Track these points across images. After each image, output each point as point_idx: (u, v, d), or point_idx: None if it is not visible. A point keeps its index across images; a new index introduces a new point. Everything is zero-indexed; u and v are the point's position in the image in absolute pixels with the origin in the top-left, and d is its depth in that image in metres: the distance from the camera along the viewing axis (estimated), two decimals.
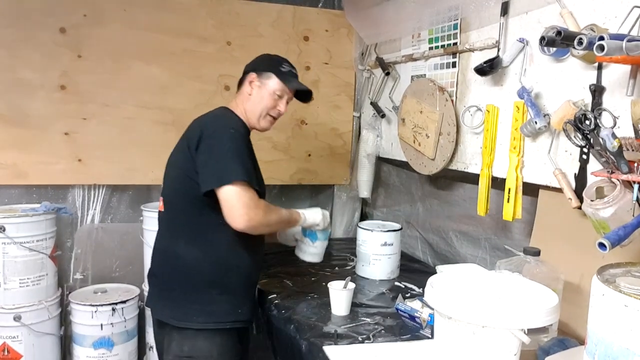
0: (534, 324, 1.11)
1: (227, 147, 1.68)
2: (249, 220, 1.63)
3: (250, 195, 1.65)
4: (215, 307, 1.74)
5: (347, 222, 3.13)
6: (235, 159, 1.67)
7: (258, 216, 1.66)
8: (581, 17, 1.46)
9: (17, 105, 2.49)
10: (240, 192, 1.63)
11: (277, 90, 1.87)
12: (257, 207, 1.66)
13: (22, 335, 2.45)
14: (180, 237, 1.78)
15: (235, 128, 1.75)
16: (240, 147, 1.71)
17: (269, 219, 1.72)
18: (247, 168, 1.68)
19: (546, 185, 1.63)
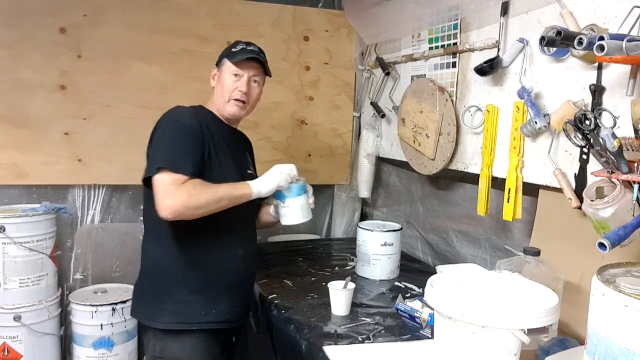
0: (534, 324, 1.11)
1: (163, 136, 1.69)
2: (170, 206, 1.57)
3: (172, 180, 1.59)
4: (184, 307, 1.72)
5: (347, 222, 3.13)
6: (165, 148, 1.66)
7: (180, 199, 1.58)
8: (581, 17, 1.46)
9: (17, 105, 2.49)
10: (160, 179, 1.60)
11: (230, 70, 1.84)
12: (178, 190, 1.59)
13: (22, 335, 2.45)
14: (147, 235, 1.81)
15: (179, 118, 1.73)
16: (177, 135, 1.68)
17: (196, 200, 1.60)
18: (174, 155, 1.64)
19: (546, 185, 1.63)
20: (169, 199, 1.57)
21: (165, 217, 1.59)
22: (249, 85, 1.86)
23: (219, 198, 1.65)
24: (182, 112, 1.77)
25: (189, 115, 1.77)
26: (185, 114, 1.76)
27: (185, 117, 1.75)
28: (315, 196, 3.21)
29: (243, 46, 1.87)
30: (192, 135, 1.71)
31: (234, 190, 1.71)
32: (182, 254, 1.72)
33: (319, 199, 3.20)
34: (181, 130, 1.70)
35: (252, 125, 2.83)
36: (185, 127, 1.71)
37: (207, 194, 1.64)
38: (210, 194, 1.64)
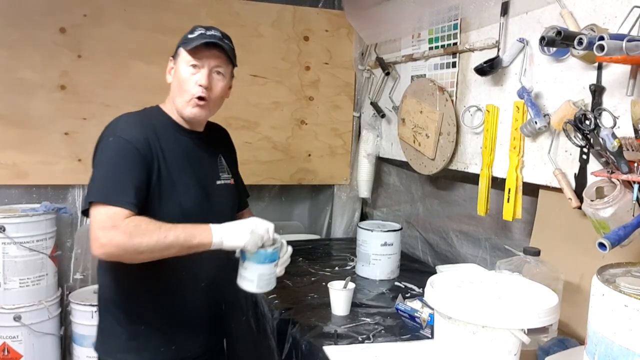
0: (533, 324, 1.11)
1: (100, 159, 1.45)
2: (104, 245, 1.32)
3: (108, 215, 1.34)
4: (141, 342, 1.54)
5: (347, 222, 3.13)
6: (102, 175, 1.42)
7: (116, 239, 1.31)
8: (581, 17, 1.46)
9: (17, 105, 2.49)
10: (95, 214, 1.36)
11: (186, 61, 1.52)
12: (115, 229, 1.32)
13: (22, 335, 2.45)
14: (100, 266, 1.59)
15: (120, 133, 1.46)
16: (115, 159, 1.43)
17: (137, 243, 1.32)
18: (111, 184, 1.39)
19: (546, 185, 1.63)
20: (104, 238, 1.32)
21: (98, 257, 1.38)
22: (210, 78, 1.53)
23: (167, 245, 1.36)
24: (124, 125, 1.50)
25: (132, 128, 1.49)
26: (128, 128, 1.48)
27: (127, 132, 1.47)
28: (316, 196, 3.26)
29: (202, 31, 1.54)
30: (135, 156, 1.43)
31: (189, 237, 1.39)
32: (137, 286, 1.53)
33: (319, 199, 3.22)
34: (121, 151, 1.43)
35: (252, 125, 2.84)
36: (127, 146, 1.43)
37: (152, 238, 1.34)
38: (156, 239, 1.34)
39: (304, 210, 3.30)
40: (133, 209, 1.38)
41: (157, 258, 1.38)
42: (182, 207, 1.50)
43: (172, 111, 1.60)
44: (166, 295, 1.56)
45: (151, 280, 1.51)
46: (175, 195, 1.51)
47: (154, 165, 1.47)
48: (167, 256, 1.39)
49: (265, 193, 3.13)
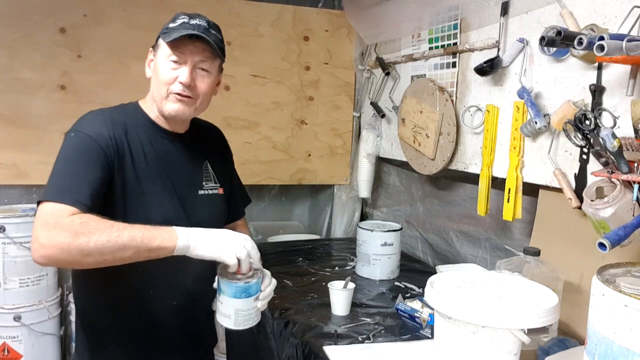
0: (533, 323, 1.11)
1: (57, 158, 1.29)
2: (43, 246, 1.11)
3: (52, 212, 1.14)
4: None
5: (347, 222, 3.13)
6: (53, 173, 1.26)
7: (59, 239, 1.10)
8: (581, 17, 1.46)
9: (17, 105, 2.49)
10: (37, 212, 1.17)
11: (165, 54, 1.34)
12: (57, 227, 1.12)
13: (22, 335, 2.45)
14: (75, 279, 1.43)
15: (82, 129, 1.29)
16: (68, 154, 1.27)
17: (83, 242, 1.11)
18: (62, 181, 1.23)
19: (546, 185, 1.63)
20: (44, 238, 1.11)
21: (36, 261, 1.14)
22: (193, 74, 1.35)
23: (119, 246, 1.14)
24: (90, 120, 1.33)
25: (98, 124, 1.31)
26: (93, 123, 1.31)
27: (90, 127, 1.29)
28: (316, 196, 3.26)
29: (184, 19, 1.37)
30: (94, 153, 1.26)
31: (149, 239, 1.18)
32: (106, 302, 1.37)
33: (319, 199, 3.22)
34: (79, 146, 1.26)
35: (252, 125, 2.84)
36: (86, 141, 1.26)
37: (102, 237, 1.13)
38: (107, 238, 1.13)
39: (304, 210, 3.30)
40: (83, 209, 1.17)
41: (108, 263, 1.16)
42: (150, 221, 1.23)
43: (151, 109, 1.41)
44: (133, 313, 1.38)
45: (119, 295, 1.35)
46: (143, 206, 1.31)
47: (118, 168, 1.29)
48: (121, 261, 1.17)
49: (265, 193, 3.13)
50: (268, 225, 3.10)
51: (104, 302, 1.38)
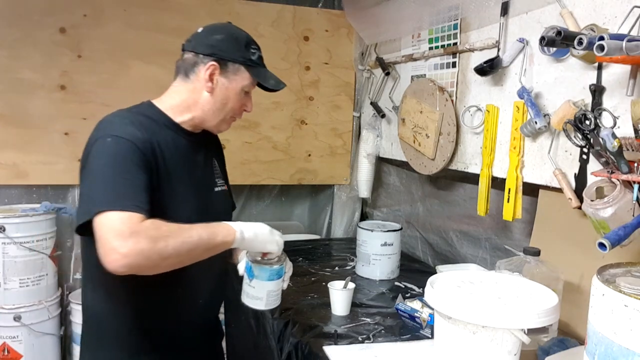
0: (533, 323, 1.11)
1: (97, 165, 1.24)
2: (125, 256, 1.10)
3: (122, 221, 1.13)
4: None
5: (347, 222, 3.13)
6: (102, 181, 1.22)
7: (139, 246, 1.11)
8: (581, 17, 1.46)
9: (17, 105, 2.50)
10: (106, 222, 1.14)
11: (247, 86, 1.42)
12: (135, 236, 1.12)
13: (22, 335, 2.45)
14: (86, 282, 1.41)
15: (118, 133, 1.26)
16: (118, 160, 1.23)
17: (162, 247, 1.14)
18: (119, 191, 1.19)
19: (546, 185, 1.63)
20: (124, 247, 1.10)
21: (116, 271, 1.12)
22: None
23: (193, 246, 1.20)
24: (121, 123, 1.29)
25: (131, 127, 1.28)
26: (125, 126, 1.28)
27: (126, 130, 1.27)
28: (316, 196, 3.26)
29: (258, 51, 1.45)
30: (138, 157, 1.25)
31: (212, 235, 1.25)
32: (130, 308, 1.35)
33: (319, 199, 3.22)
34: (122, 152, 1.24)
35: (252, 125, 2.84)
36: (127, 145, 1.24)
37: (177, 239, 1.17)
38: (182, 240, 1.18)
39: (304, 210, 3.30)
40: (146, 214, 1.17)
41: (181, 264, 1.21)
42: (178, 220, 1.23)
43: (171, 109, 1.40)
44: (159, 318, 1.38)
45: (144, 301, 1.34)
46: (173, 205, 1.32)
47: (154, 170, 1.28)
48: (191, 261, 1.23)
49: (265, 193, 3.13)
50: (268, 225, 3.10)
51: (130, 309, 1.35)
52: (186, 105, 1.40)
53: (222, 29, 1.44)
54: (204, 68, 1.37)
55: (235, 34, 1.43)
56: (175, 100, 1.41)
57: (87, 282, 1.42)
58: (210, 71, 1.37)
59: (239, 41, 1.42)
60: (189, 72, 1.40)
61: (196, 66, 1.39)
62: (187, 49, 1.42)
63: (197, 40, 1.41)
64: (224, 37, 1.40)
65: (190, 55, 1.40)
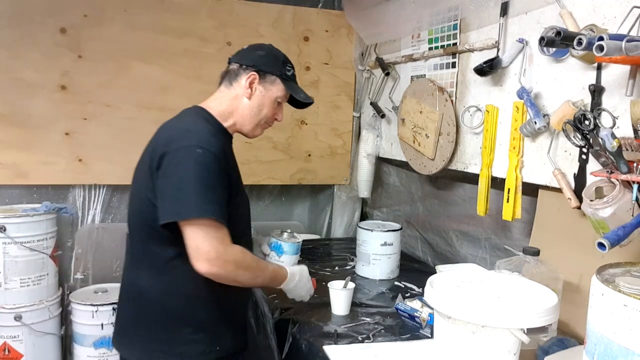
0: (533, 323, 1.11)
1: (192, 171, 1.38)
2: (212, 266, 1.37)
3: (217, 235, 1.38)
4: (187, 347, 1.50)
5: (347, 222, 3.13)
6: (200, 189, 1.38)
7: (225, 265, 1.39)
8: (580, 18, 1.46)
9: (17, 105, 2.50)
10: (207, 233, 1.37)
11: (280, 97, 1.63)
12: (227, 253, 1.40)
13: (23, 334, 2.45)
14: (143, 267, 1.53)
15: (205, 145, 1.42)
16: (209, 172, 1.40)
17: (240, 273, 1.44)
18: (215, 200, 1.39)
19: (546, 185, 1.64)
20: (216, 262, 1.37)
21: (199, 272, 1.38)
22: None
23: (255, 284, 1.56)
24: (207, 139, 1.45)
25: (214, 140, 1.46)
26: (211, 140, 1.45)
27: (213, 145, 1.44)
28: (316, 196, 3.26)
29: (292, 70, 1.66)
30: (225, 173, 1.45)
31: (272, 280, 1.59)
32: (189, 291, 1.49)
33: (319, 199, 3.22)
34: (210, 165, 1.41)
35: None
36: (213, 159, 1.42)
37: (251, 274, 1.48)
38: (254, 276, 1.50)
39: (304, 210, 3.31)
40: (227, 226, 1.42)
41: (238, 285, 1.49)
42: (242, 217, 1.57)
43: (220, 116, 1.59)
44: (220, 296, 1.53)
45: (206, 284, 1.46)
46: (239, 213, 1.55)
47: (228, 177, 1.47)
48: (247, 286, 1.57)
49: (266, 193, 3.14)
50: (268, 225, 3.10)
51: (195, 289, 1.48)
52: (230, 111, 1.60)
53: (264, 48, 1.67)
54: (245, 77, 1.58)
55: (275, 53, 1.66)
56: (222, 106, 1.60)
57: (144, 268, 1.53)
58: (250, 79, 1.58)
59: (277, 58, 1.64)
60: (232, 80, 1.61)
61: (239, 75, 1.60)
62: (233, 61, 1.64)
63: (242, 55, 1.64)
64: (265, 54, 1.63)
65: (235, 66, 1.62)
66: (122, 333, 1.60)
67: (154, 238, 1.47)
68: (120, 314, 1.64)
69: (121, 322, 1.62)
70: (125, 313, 1.61)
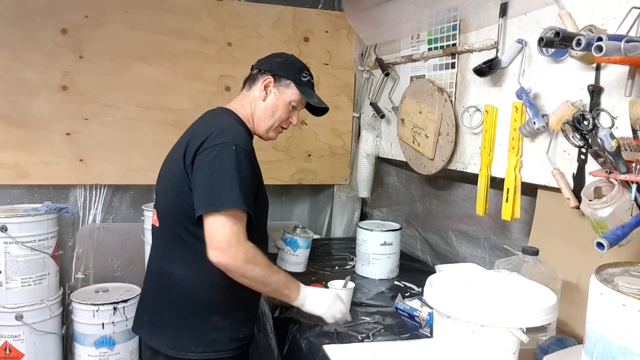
0: (532, 323, 1.11)
1: (227, 166, 1.48)
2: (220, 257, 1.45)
3: (237, 231, 1.46)
4: (217, 334, 1.58)
5: (347, 222, 3.14)
6: (234, 183, 1.47)
7: (233, 259, 1.45)
8: (580, 18, 1.47)
9: (19, 105, 2.50)
10: (224, 224, 1.45)
11: (294, 101, 1.70)
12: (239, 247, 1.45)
13: (24, 334, 2.46)
14: (176, 258, 1.60)
15: (239, 143, 1.52)
16: (243, 168, 1.50)
17: (248, 268, 1.48)
18: (245, 193, 1.48)
19: (545, 185, 1.64)
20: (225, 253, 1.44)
21: (212, 260, 1.46)
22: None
23: (265, 283, 1.54)
24: (241, 137, 1.55)
25: (247, 139, 1.57)
26: (244, 139, 1.55)
27: (246, 143, 1.55)
28: (316, 196, 3.27)
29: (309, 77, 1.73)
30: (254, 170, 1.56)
31: (283, 287, 1.58)
32: (220, 281, 1.53)
33: (319, 199, 3.23)
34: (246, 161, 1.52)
35: None
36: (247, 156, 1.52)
37: (262, 271, 1.51)
38: (264, 274, 1.52)
39: (304, 210, 3.31)
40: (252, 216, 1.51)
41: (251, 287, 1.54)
42: (264, 212, 1.66)
43: (247, 119, 1.70)
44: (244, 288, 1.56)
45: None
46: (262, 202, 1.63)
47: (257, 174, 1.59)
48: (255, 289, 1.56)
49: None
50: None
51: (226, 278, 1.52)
52: (249, 113, 1.70)
53: (283, 55, 1.76)
54: (262, 80, 1.69)
55: (292, 60, 1.75)
56: (243, 109, 1.70)
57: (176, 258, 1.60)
58: (265, 83, 1.69)
59: (294, 65, 1.73)
60: (251, 84, 1.72)
61: (257, 79, 1.71)
62: (254, 67, 1.75)
63: (261, 62, 1.75)
64: (282, 60, 1.73)
65: (255, 72, 1.73)
66: (154, 323, 1.64)
67: (189, 230, 1.54)
68: (149, 305, 1.68)
69: (150, 312, 1.67)
70: (155, 304, 1.66)
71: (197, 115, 1.83)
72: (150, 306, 1.68)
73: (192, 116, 1.84)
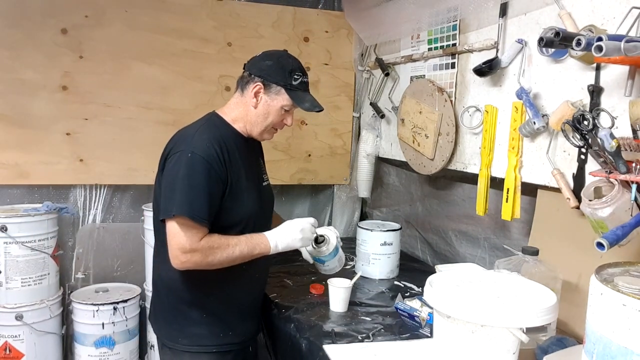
0: (532, 323, 1.11)
1: (180, 174, 1.54)
2: (181, 263, 1.53)
3: (188, 236, 1.51)
4: (199, 329, 1.68)
5: (347, 221, 3.14)
6: (184, 190, 1.53)
7: (194, 259, 1.52)
8: (579, 18, 1.47)
9: (19, 105, 2.50)
10: (176, 231, 1.52)
11: (286, 106, 1.69)
12: (193, 251, 1.52)
13: (24, 334, 2.46)
14: (163, 257, 1.64)
15: (197, 150, 1.56)
16: (196, 175, 1.54)
17: (211, 259, 1.54)
18: (196, 200, 1.53)
19: (545, 185, 1.64)
20: (183, 256, 1.52)
21: (173, 266, 1.56)
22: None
23: (234, 259, 1.59)
24: (201, 144, 1.58)
25: (208, 145, 1.59)
26: (204, 146, 1.58)
27: (205, 150, 1.57)
28: (316, 196, 3.27)
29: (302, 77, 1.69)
30: (210, 174, 1.56)
31: (251, 249, 1.61)
32: (199, 279, 1.64)
33: (319, 199, 3.23)
34: (198, 169, 1.55)
35: None
36: (203, 164, 1.55)
37: (223, 255, 1.56)
38: (226, 255, 1.57)
39: (304, 210, 3.31)
40: (208, 225, 1.55)
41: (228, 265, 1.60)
42: (246, 212, 1.66)
43: (232, 120, 1.72)
44: (227, 286, 1.69)
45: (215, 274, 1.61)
46: (241, 200, 1.65)
47: (227, 177, 1.60)
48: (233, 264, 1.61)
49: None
50: None
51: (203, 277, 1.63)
52: (240, 116, 1.71)
53: (274, 56, 1.71)
54: (252, 86, 1.67)
55: (283, 62, 1.69)
56: (234, 112, 1.72)
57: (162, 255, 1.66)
58: (255, 90, 1.67)
59: (284, 68, 1.67)
60: (243, 88, 1.71)
61: (248, 84, 1.69)
62: (245, 68, 1.72)
63: (253, 63, 1.71)
64: (272, 64, 1.68)
65: (246, 74, 1.71)
66: (154, 314, 1.81)
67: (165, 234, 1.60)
68: (152, 299, 1.87)
69: (152, 305, 1.85)
70: (154, 297, 1.82)
71: (197, 116, 1.83)
72: (152, 299, 1.85)
73: (192, 116, 1.85)
